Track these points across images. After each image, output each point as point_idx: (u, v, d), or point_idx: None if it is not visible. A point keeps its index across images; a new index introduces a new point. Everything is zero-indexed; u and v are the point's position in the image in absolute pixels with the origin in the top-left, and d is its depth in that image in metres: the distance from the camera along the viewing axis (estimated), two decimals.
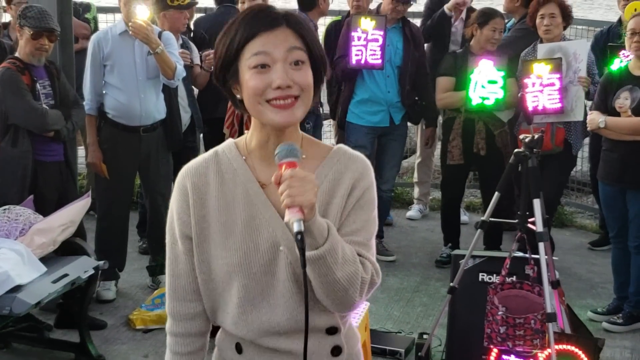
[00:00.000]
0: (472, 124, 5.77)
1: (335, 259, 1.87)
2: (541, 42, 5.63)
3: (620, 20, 6.15)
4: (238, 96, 1.98)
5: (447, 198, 6.18)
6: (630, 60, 5.04)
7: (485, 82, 5.57)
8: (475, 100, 5.62)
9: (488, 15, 5.73)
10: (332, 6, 6.76)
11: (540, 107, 5.36)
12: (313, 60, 1.95)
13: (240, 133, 5.96)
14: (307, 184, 1.80)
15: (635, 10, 5.76)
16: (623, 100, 4.88)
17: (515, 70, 5.74)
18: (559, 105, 5.38)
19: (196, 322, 2.10)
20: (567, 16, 5.62)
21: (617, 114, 4.90)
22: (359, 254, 1.95)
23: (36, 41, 4.76)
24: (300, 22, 1.96)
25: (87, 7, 6.75)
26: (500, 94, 5.58)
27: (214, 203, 2.00)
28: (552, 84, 5.35)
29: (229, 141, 2.08)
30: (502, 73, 5.55)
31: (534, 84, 5.37)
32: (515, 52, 5.99)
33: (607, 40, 6.18)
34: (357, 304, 1.97)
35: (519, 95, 5.38)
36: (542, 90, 5.36)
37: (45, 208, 4.74)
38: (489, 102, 5.61)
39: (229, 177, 2.01)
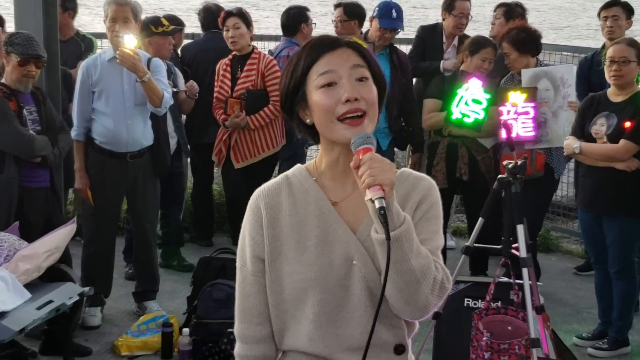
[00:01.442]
0: (455, 148, 5.80)
1: (410, 245, 1.93)
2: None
3: (604, 47, 6.22)
4: (307, 121, 2.07)
5: None
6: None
7: (469, 100, 5.61)
8: (455, 115, 5.63)
9: (479, 44, 5.77)
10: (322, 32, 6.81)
11: (514, 135, 5.40)
12: (375, 77, 2.05)
13: (228, 159, 5.99)
14: (386, 164, 1.90)
15: None
16: (599, 126, 4.92)
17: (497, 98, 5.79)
18: (532, 133, 5.43)
19: (264, 345, 2.15)
20: (523, 47, 5.64)
21: (593, 140, 4.93)
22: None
23: (23, 68, 4.78)
24: (359, 44, 2.08)
25: (90, 45, 6.71)
26: (481, 115, 5.60)
27: (287, 221, 2.08)
28: (527, 113, 5.40)
29: (298, 165, 2.17)
30: (488, 96, 5.59)
31: (508, 112, 5.42)
32: (497, 74, 6.07)
33: (591, 67, 6.25)
34: (430, 305, 1.99)
35: (502, 121, 5.41)
36: (517, 118, 5.41)
37: (30, 234, 4.73)
38: (468, 120, 5.62)
39: (301, 197, 2.10)
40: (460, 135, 5.79)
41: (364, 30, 6.41)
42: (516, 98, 5.39)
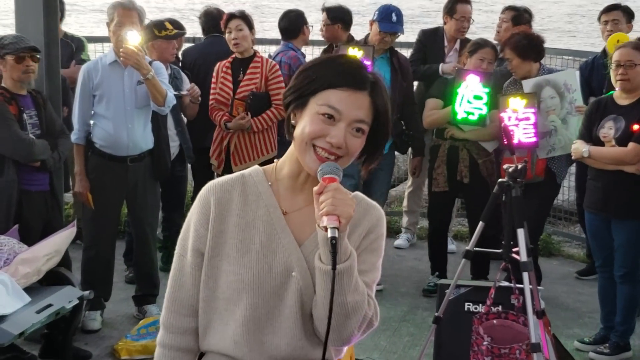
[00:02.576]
0: (456, 151, 5.81)
1: (350, 281, 1.97)
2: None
3: (604, 51, 6.21)
4: (293, 122, 2.08)
5: (434, 225, 6.20)
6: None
7: (471, 97, 5.62)
8: (460, 115, 5.65)
9: (478, 45, 5.82)
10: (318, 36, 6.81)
11: (515, 141, 5.39)
12: (379, 128, 2.05)
13: (227, 163, 5.98)
14: (349, 199, 1.95)
15: (618, 41, 5.81)
16: (607, 129, 4.91)
17: (500, 90, 5.79)
18: (534, 139, 5.41)
19: (188, 337, 2.15)
20: (524, 53, 5.61)
21: (601, 144, 4.93)
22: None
23: (21, 65, 4.77)
24: (382, 91, 2.06)
25: (81, 45, 6.72)
26: (484, 110, 5.61)
27: (234, 220, 2.09)
28: (528, 118, 5.39)
29: (256, 167, 2.18)
30: (487, 90, 5.60)
31: (509, 118, 5.41)
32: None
33: (592, 71, 6.24)
34: (352, 338, 2.04)
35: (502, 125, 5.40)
36: (518, 124, 5.40)
37: (30, 237, 4.73)
38: (473, 118, 5.64)
39: (253, 199, 2.11)
40: (462, 139, 5.79)
41: (364, 33, 6.40)
42: (517, 104, 5.39)
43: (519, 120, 5.41)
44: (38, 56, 4.88)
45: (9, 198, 4.80)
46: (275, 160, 2.19)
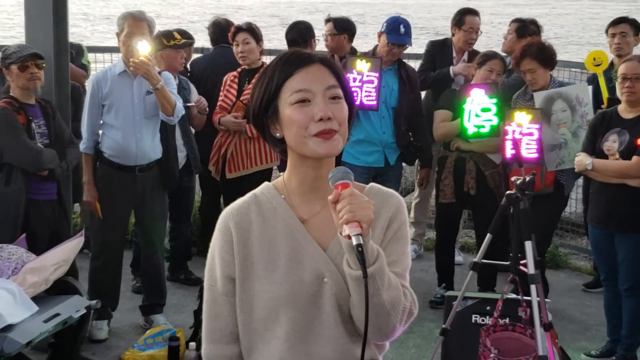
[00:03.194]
0: (463, 162, 5.81)
1: (382, 280, 1.95)
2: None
3: (612, 64, 6.21)
4: (277, 135, 2.07)
5: (441, 237, 6.20)
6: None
7: (479, 111, 5.62)
8: (471, 130, 5.65)
9: (487, 56, 5.85)
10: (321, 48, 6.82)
11: (519, 155, 5.39)
12: (345, 96, 2.06)
13: (223, 171, 6.00)
14: (365, 201, 1.92)
15: (595, 59, 5.86)
16: (611, 143, 4.91)
17: (507, 101, 5.78)
18: (536, 155, 5.41)
19: None
20: (548, 63, 5.60)
21: (605, 156, 4.92)
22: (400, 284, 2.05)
23: (25, 72, 4.80)
24: (332, 61, 2.09)
25: (80, 51, 6.76)
26: (494, 121, 5.61)
27: (257, 241, 2.08)
28: (531, 134, 5.38)
29: (266, 183, 2.19)
30: (495, 100, 5.60)
31: (514, 132, 5.41)
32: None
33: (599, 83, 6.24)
34: (396, 332, 2.04)
35: (512, 138, 5.40)
36: (521, 139, 5.40)
37: (37, 246, 4.75)
38: (485, 130, 5.64)
39: (270, 215, 2.10)
40: (469, 150, 5.80)
41: (372, 45, 6.42)
42: (522, 119, 5.37)
43: (523, 134, 5.40)
44: (43, 63, 4.90)
45: (16, 207, 4.81)
46: (281, 174, 2.18)
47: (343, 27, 6.50)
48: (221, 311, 2.12)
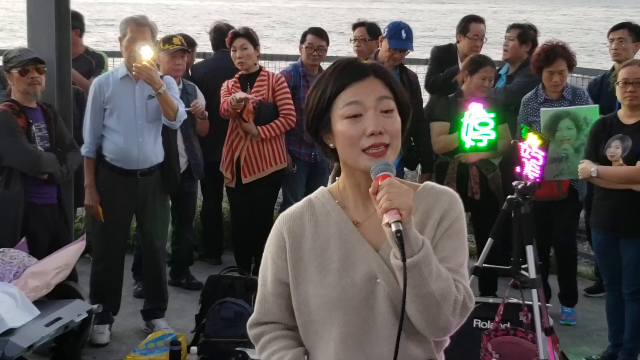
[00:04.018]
0: (466, 168, 5.81)
1: (430, 270, 1.95)
2: (543, 87, 5.66)
3: (614, 69, 6.20)
4: (331, 145, 2.10)
5: None
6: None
7: (476, 125, 5.61)
8: (468, 144, 5.65)
9: (478, 63, 5.76)
10: (330, 52, 6.82)
11: (524, 173, 5.40)
12: (399, 107, 2.07)
13: (238, 176, 5.99)
14: (404, 190, 1.94)
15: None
16: (614, 149, 4.90)
17: (505, 116, 5.77)
18: (537, 178, 5.41)
19: (289, 332, 2.20)
20: (572, 66, 5.61)
21: (608, 163, 4.92)
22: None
23: (25, 77, 4.82)
24: (386, 71, 2.10)
25: (101, 61, 6.76)
26: (492, 135, 5.61)
27: (310, 245, 2.12)
28: (537, 159, 5.36)
29: (322, 188, 2.21)
30: (492, 115, 5.59)
31: (524, 150, 5.40)
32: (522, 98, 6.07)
33: (601, 89, 6.24)
34: (451, 326, 2.01)
35: (512, 142, 5.38)
36: (529, 159, 5.39)
37: (37, 250, 4.76)
38: (482, 144, 5.65)
39: (323, 220, 2.14)
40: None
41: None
42: (532, 142, 5.35)
43: (531, 156, 5.39)
44: (44, 68, 4.91)
45: (15, 210, 4.82)
46: (336, 178, 2.21)
47: (376, 32, 6.48)
48: (270, 309, 2.20)
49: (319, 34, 6.30)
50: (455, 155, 5.82)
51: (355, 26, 6.54)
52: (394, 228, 1.90)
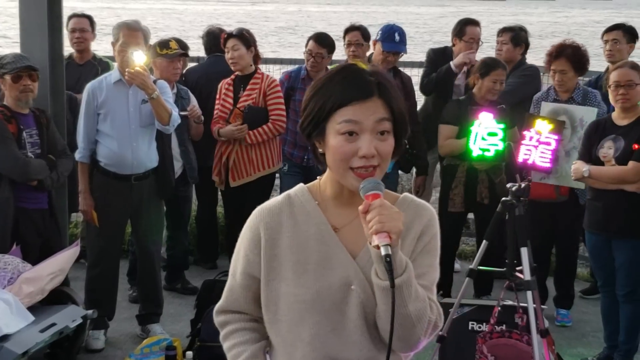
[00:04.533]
0: (475, 172, 5.79)
1: (409, 292, 1.97)
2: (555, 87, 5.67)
3: (607, 70, 6.21)
4: (320, 150, 2.10)
5: (446, 246, 6.16)
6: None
7: (485, 134, 5.58)
8: (475, 152, 5.61)
9: (490, 66, 5.75)
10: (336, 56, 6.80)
11: (530, 162, 5.39)
12: (396, 126, 2.06)
13: (227, 181, 6.00)
14: (395, 213, 1.95)
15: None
16: (607, 149, 4.91)
17: (517, 120, 5.77)
18: (548, 165, 5.40)
19: (254, 323, 2.22)
20: (581, 68, 5.61)
21: (601, 163, 4.93)
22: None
23: (18, 84, 4.81)
24: (390, 90, 2.07)
25: (107, 68, 6.72)
26: (500, 146, 5.57)
27: (287, 242, 2.12)
28: (548, 143, 5.36)
29: (301, 185, 2.20)
30: (502, 125, 5.56)
31: (531, 138, 5.39)
32: (520, 99, 6.06)
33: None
34: (421, 344, 2.06)
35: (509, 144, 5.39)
36: (537, 146, 5.38)
37: (28, 255, 4.75)
38: (489, 154, 5.61)
39: (302, 219, 2.13)
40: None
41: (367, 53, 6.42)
42: (542, 127, 5.33)
43: (540, 142, 5.38)
44: (38, 74, 4.90)
45: (4, 216, 4.80)
46: (317, 178, 2.20)
47: (369, 36, 6.38)
48: (237, 299, 2.22)
49: (319, 41, 6.27)
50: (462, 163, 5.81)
51: (348, 30, 6.51)
52: (383, 252, 1.90)
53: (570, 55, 5.55)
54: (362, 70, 2.09)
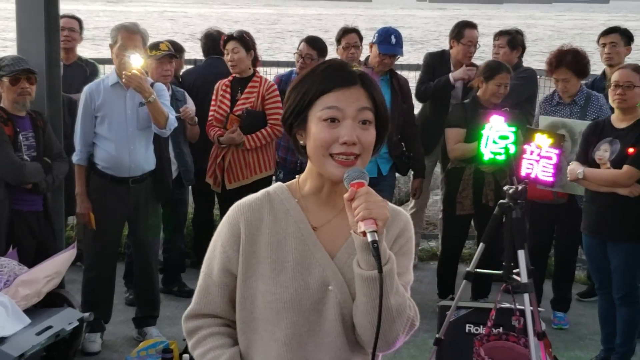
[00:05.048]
0: (482, 174, 5.79)
1: (392, 284, 1.96)
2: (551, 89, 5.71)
3: (604, 73, 6.22)
4: (301, 142, 2.08)
5: (450, 250, 6.15)
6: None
7: (496, 138, 5.56)
8: (487, 156, 5.57)
9: (494, 69, 5.75)
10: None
11: (533, 176, 5.39)
12: (378, 120, 2.06)
13: (223, 183, 6.00)
14: (380, 200, 1.94)
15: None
16: (603, 152, 4.92)
17: (522, 122, 5.77)
18: (551, 179, 5.39)
19: (226, 329, 2.16)
20: (582, 72, 5.64)
21: (597, 165, 4.94)
22: None
23: (16, 86, 4.81)
24: (373, 83, 2.08)
25: (95, 70, 6.75)
26: (512, 149, 5.53)
27: (266, 239, 2.09)
28: (549, 157, 5.35)
29: (279, 184, 2.19)
30: (514, 128, 5.53)
31: (532, 152, 5.39)
32: (516, 100, 6.06)
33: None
34: (399, 341, 2.04)
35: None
36: (539, 160, 5.38)
37: (23, 257, 4.73)
38: (501, 157, 5.58)
39: (282, 217, 2.11)
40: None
41: (363, 56, 6.43)
42: (542, 141, 5.33)
43: (541, 157, 5.38)
44: (36, 77, 4.90)
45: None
46: (297, 176, 2.19)
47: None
48: (212, 299, 2.15)
49: (310, 42, 6.28)
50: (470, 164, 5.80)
51: (345, 32, 6.51)
52: (370, 238, 1.89)
53: (570, 63, 5.57)
54: (345, 62, 2.12)
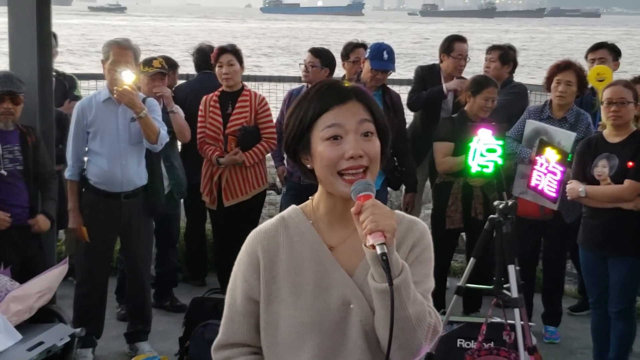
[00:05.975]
0: (470, 188, 5.81)
1: (408, 294, 1.96)
2: (550, 104, 5.73)
3: (593, 90, 6.24)
4: (308, 166, 2.09)
5: (441, 264, 6.16)
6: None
7: (484, 151, 5.59)
8: (474, 168, 5.61)
9: (481, 84, 5.79)
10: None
11: (540, 188, 5.42)
12: (379, 130, 2.08)
13: (219, 200, 6.00)
14: (387, 211, 1.94)
15: (598, 74, 5.89)
16: (601, 168, 4.91)
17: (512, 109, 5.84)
18: (554, 195, 5.42)
19: (255, 356, 2.16)
20: (582, 86, 5.68)
21: (596, 182, 4.94)
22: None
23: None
24: (367, 95, 2.10)
25: (74, 83, 6.77)
26: (499, 162, 5.58)
27: (284, 265, 2.10)
28: (554, 173, 5.38)
29: (294, 207, 2.20)
30: (501, 142, 5.57)
31: (541, 165, 5.42)
32: (507, 115, 6.08)
33: (580, 107, 6.28)
34: (423, 350, 2.03)
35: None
36: (546, 174, 5.42)
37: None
38: (488, 170, 5.61)
39: (297, 240, 2.12)
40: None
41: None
42: (550, 156, 5.36)
43: (548, 171, 5.41)
44: (22, 96, 4.90)
45: None
46: (310, 198, 2.20)
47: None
48: (238, 329, 2.16)
49: (314, 52, 6.33)
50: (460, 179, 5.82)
51: (354, 47, 6.53)
52: (379, 251, 1.89)
53: (577, 70, 5.62)
54: (336, 80, 2.14)
